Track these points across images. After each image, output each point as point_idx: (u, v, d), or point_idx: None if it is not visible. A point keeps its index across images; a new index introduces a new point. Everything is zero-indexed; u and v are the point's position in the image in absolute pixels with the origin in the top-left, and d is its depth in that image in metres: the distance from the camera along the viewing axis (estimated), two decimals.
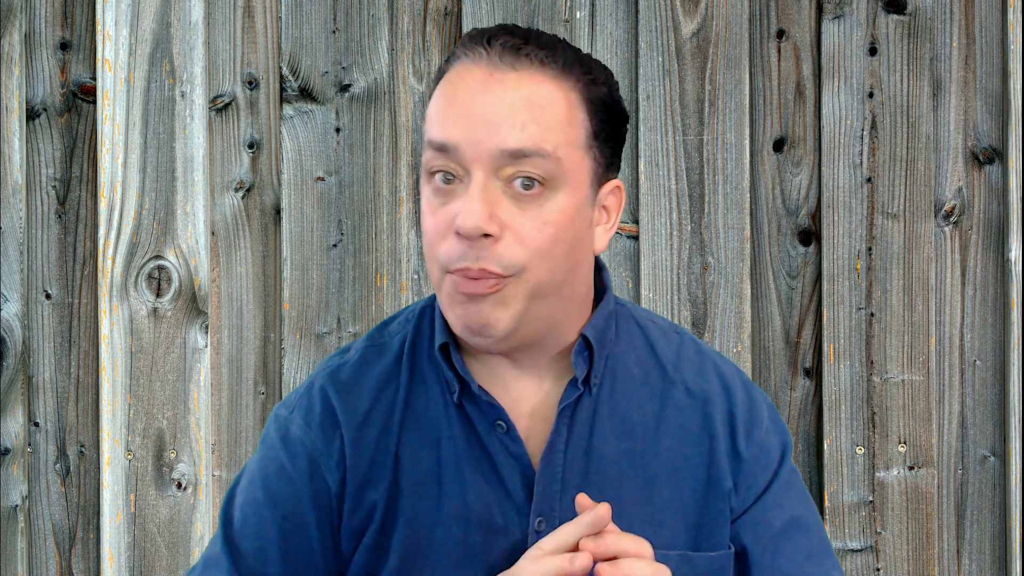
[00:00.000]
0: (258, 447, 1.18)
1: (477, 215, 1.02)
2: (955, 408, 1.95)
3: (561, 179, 1.05)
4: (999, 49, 1.95)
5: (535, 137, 1.03)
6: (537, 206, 1.04)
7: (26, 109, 2.00)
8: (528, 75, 1.05)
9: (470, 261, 1.03)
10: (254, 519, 1.13)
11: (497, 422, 1.11)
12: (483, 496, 1.11)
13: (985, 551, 1.96)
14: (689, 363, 1.18)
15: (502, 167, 1.03)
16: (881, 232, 1.94)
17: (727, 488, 1.14)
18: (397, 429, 1.13)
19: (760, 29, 1.96)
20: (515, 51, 1.05)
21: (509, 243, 1.04)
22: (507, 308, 1.05)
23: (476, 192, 1.03)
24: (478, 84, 1.05)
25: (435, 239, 1.06)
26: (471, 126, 1.03)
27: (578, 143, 1.07)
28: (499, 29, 1.08)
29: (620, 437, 1.13)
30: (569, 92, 1.07)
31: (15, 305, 2.00)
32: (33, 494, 2.00)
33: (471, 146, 1.03)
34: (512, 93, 1.04)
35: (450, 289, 1.06)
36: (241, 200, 1.98)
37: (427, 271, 1.12)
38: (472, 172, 1.04)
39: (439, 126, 1.05)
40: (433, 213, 1.06)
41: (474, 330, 1.06)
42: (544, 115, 1.04)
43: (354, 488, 1.12)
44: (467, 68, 1.06)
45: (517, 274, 1.04)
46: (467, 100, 1.04)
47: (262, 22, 1.98)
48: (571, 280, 1.09)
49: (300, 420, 1.15)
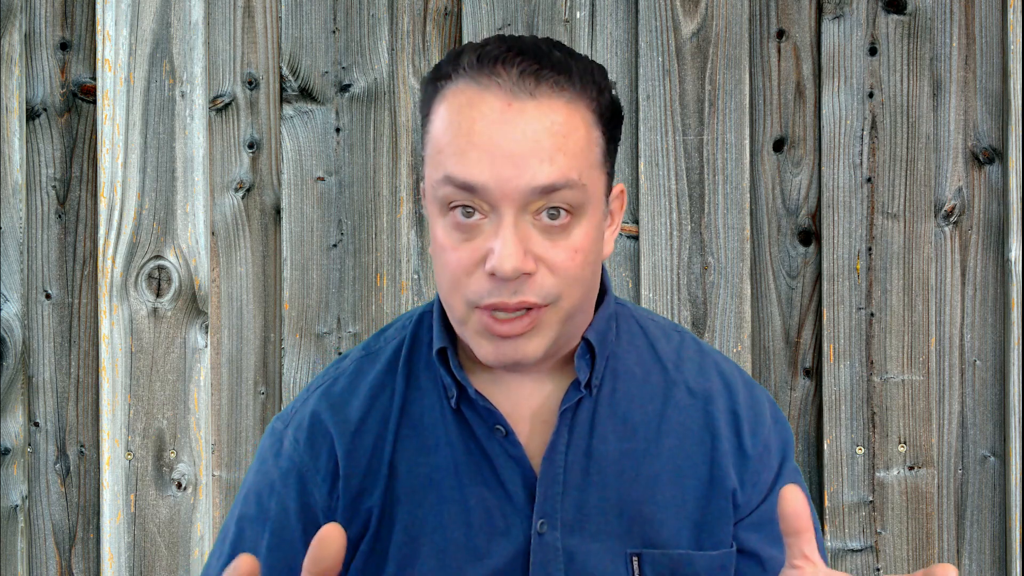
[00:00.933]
0: (254, 459, 1.19)
1: (514, 258, 0.99)
2: (955, 408, 1.96)
3: (586, 204, 1.04)
4: (999, 49, 1.95)
5: (563, 168, 1.01)
6: (566, 235, 1.03)
7: (26, 109, 1.99)
8: (547, 102, 1.01)
9: (506, 296, 1.01)
10: (247, 533, 1.14)
11: (496, 426, 1.11)
12: (484, 500, 1.11)
13: (985, 551, 1.96)
14: (690, 362, 1.18)
15: (531, 202, 1.01)
16: (881, 232, 1.94)
17: (730, 487, 1.14)
18: (392, 436, 1.13)
19: (760, 29, 1.96)
20: (533, 77, 1.01)
21: (544, 275, 1.02)
22: (542, 337, 1.05)
23: (509, 233, 1.00)
24: (496, 116, 1.00)
25: (461, 275, 1.03)
26: (497, 164, 0.99)
27: (596, 163, 1.05)
28: (507, 50, 1.03)
29: (621, 437, 1.13)
30: (585, 113, 1.04)
31: (15, 305, 2.00)
32: (33, 494, 2.00)
33: (499, 185, 1.00)
34: (535, 124, 1.00)
35: (479, 326, 1.04)
36: (241, 200, 1.98)
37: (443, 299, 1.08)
38: (501, 210, 1.01)
39: (459, 164, 1.01)
40: (455, 248, 1.03)
41: (507, 365, 1.05)
42: (568, 143, 1.01)
43: (349, 498, 1.13)
44: (479, 96, 1.01)
45: (553, 303, 1.04)
46: (488, 134, 1.00)
47: (262, 22, 1.98)
48: (591, 295, 1.10)
49: (292, 436, 1.16)
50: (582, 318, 1.10)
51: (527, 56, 1.02)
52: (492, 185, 1.00)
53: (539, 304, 1.02)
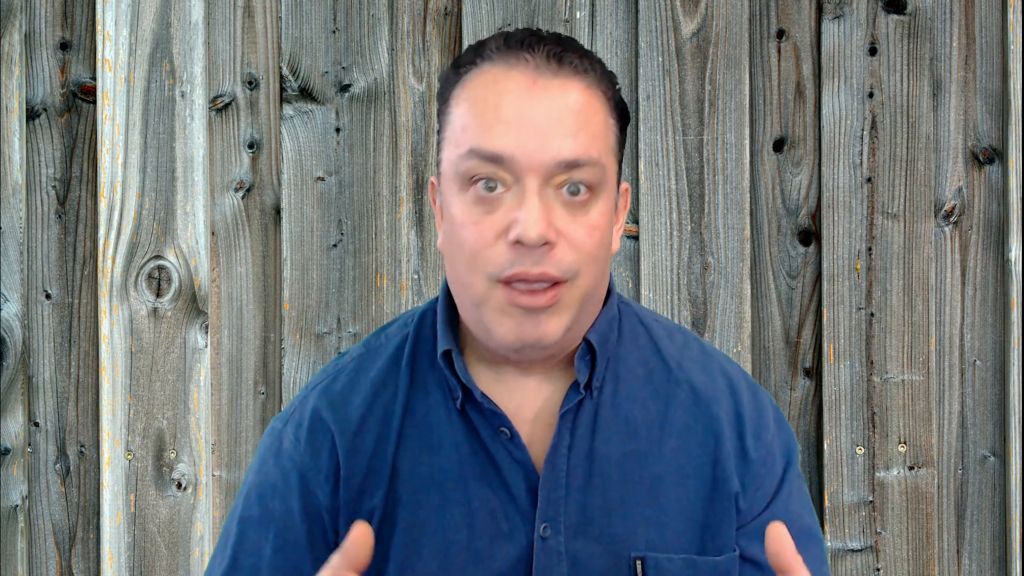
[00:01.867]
0: (254, 459, 1.18)
1: (540, 225, 1.01)
2: (955, 408, 1.96)
3: (604, 184, 1.06)
4: (999, 49, 1.95)
5: (585, 145, 1.04)
6: (585, 212, 1.05)
7: (26, 109, 1.99)
8: (569, 82, 1.05)
9: (528, 266, 1.03)
10: (250, 534, 1.14)
11: (500, 429, 1.10)
12: (488, 502, 1.10)
13: (985, 551, 1.96)
14: (694, 362, 1.18)
15: (555, 176, 1.03)
16: (881, 232, 1.94)
17: (732, 489, 1.14)
18: (395, 436, 1.13)
19: (760, 29, 1.96)
20: (557, 58, 1.05)
21: (565, 249, 1.04)
22: (562, 316, 1.06)
23: (532, 201, 1.02)
24: (522, 91, 1.04)
25: (482, 248, 1.04)
26: (523, 135, 1.02)
27: (612, 149, 1.09)
28: (531, 35, 1.07)
29: (623, 439, 1.13)
30: (603, 99, 1.08)
31: (15, 305, 1.99)
32: (33, 494, 2.00)
33: (526, 156, 1.02)
34: (559, 101, 1.04)
35: (502, 302, 1.05)
36: (241, 200, 1.98)
37: (459, 283, 1.08)
38: (525, 181, 1.03)
39: (486, 135, 1.03)
40: (476, 223, 1.04)
41: (527, 343, 1.06)
42: (589, 123, 1.05)
43: (350, 498, 1.12)
44: (505, 73, 1.05)
45: (572, 279, 1.05)
46: (514, 108, 1.03)
47: (262, 22, 1.98)
48: (601, 285, 1.11)
49: (291, 435, 1.15)
50: (592, 310, 1.11)
51: (552, 41, 1.06)
52: (519, 155, 1.02)
53: (559, 278, 1.04)
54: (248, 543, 1.13)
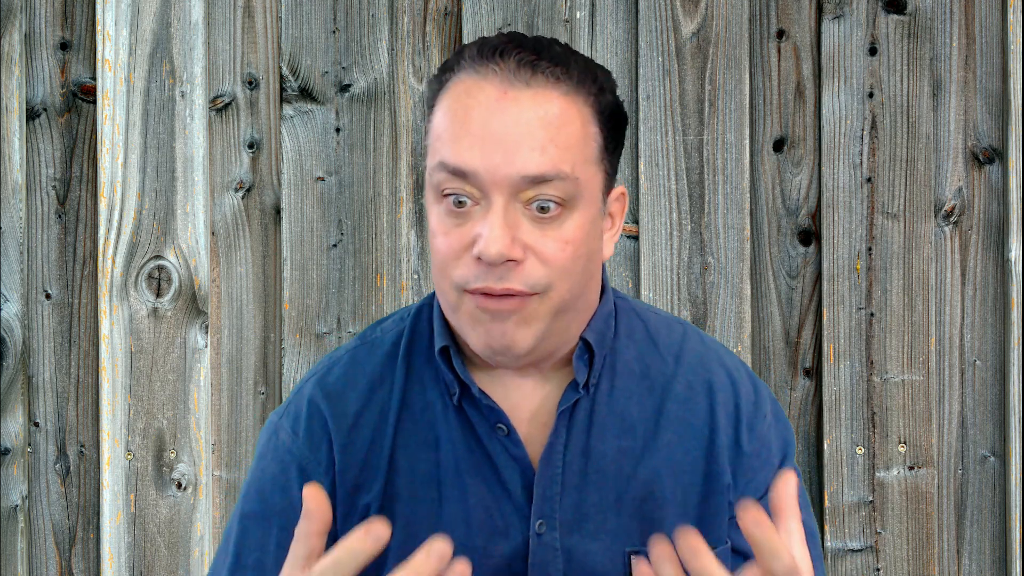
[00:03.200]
0: (254, 455, 1.18)
1: (500, 242, 1.00)
2: (955, 408, 1.95)
3: (578, 197, 1.04)
4: (999, 49, 1.95)
5: (554, 159, 1.01)
6: (556, 226, 1.03)
7: (26, 109, 2.00)
8: (543, 92, 1.02)
9: (492, 282, 1.02)
10: (253, 531, 1.13)
11: (498, 425, 1.10)
12: (484, 499, 1.10)
13: (985, 551, 1.96)
14: (692, 353, 1.17)
15: (522, 191, 1.01)
16: (881, 232, 1.94)
17: (726, 482, 1.13)
18: (392, 431, 1.13)
19: (760, 29, 1.96)
20: (530, 67, 1.02)
21: (533, 264, 1.02)
22: (530, 327, 1.04)
23: (497, 218, 1.00)
24: (491, 103, 1.02)
25: (450, 259, 1.04)
26: (488, 151, 1.01)
27: (592, 159, 1.05)
28: (508, 42, 1.05)
29: (619, 435, 1.12)
30: (582, 107, 1.04)
31: (15, 305, 2.00)
32: (33, 494, 2.00)
33: (489, 172, 1.01)
34: (528, 113, 1.01)
35: (471, 308, 1.04)
36: (241, 200, 1.98)
37: (437, 286, 1.08)
38: (491, 196, 1.01)
39: (452, 149, 1.02)
40: (446, 233, 1.04)
41: (497, 350, 1.05)
42: (561, 135, 1.02)
43: (345, 493, 1.12)
44: (477, 84, 1.03)
45: (542, 292, 1.03)
46: (481, 121, 1.01)
47: (262, 22, 1.98)
48: (586, 292, 1.09)
49: (288, 428, 1.15)
50: (576, 316, 1.10)
51: (526, 48, 1.04)
52: (482, 171, 1.01)
53: (525, 292, 1.02)
54: (251, 539, 1.13)
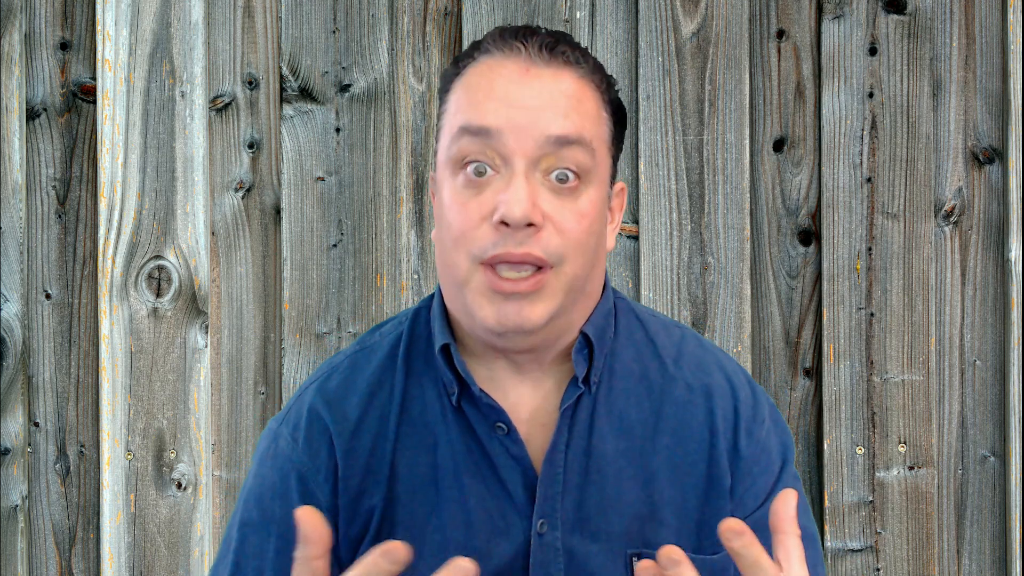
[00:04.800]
0: (252, 462, 1.18)
1: (524, 204, 1.02)
2: (955, 408, 1.95)
3: (593, 172, 1.06)
4: (999, 49, 1.95)
5: (577, 125, 1.05)
6: (573, 199, 1.05)
7: (26, 109, 1.99)
8: (563, 71, 1.07)
9: (512, 246, 1.03)
10: (252, 539, 1.13)
11: (497, 424, 1.10)
12: (484, 500, 1.10)
13: (985, 551, 1.96)
14: (691, 357, 1.17)
15: (544, 156, 1.04)
16: (881, 232, 1.94)
17: (726, 486, 1.13)
18: (393, 435, 1.13)
19: (760, 29, 1.96)
20: (551, 49, 1.07)
21: (551, 232, 1.04)
22: (546, 303, 1.05)
23: (520, 181, 1.03)
24: (515, 76, 1.06)
25: (467, 229, 1.05)
26: (513, 113, 1.04)
27: (604, 140, 1.09)
28: (527, 28, 1.09)
29: (619, 436, 1.12)
30: (596, 92, 1.09)
31: (15, 305, 2.00)
32: (33, 494, 2.00)
33: (514, 132, 1.03)
34: (551, 85, 1.05)
35: (482, 285, 1.05)
36: (241, 200, 1.98)
37: (445, 265, 1.08)
38: (512, 162, 1.03)
39: (476, 111, 1.05)
40: (464, 204, 1.05)
41: (509, 327, 1.05)
42: (582, 107, 1.06)
43: (349, 499, 1.12)
44: (499, 62, 1.07)
45: (557, 265, 1.05)
46: (506, 90, 1.05)
47: (262, 22, 1.98)
48: (592, 277, 1.10)
49: (288, 436, 1.15)
50: (582, 301, 1.10)
51: (547, 34, 1.09)
52: (507, 131, 1.03)
53: (544, 260, 1.03)
54: (250, 547, 1.13)
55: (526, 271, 1.03)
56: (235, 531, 1.15)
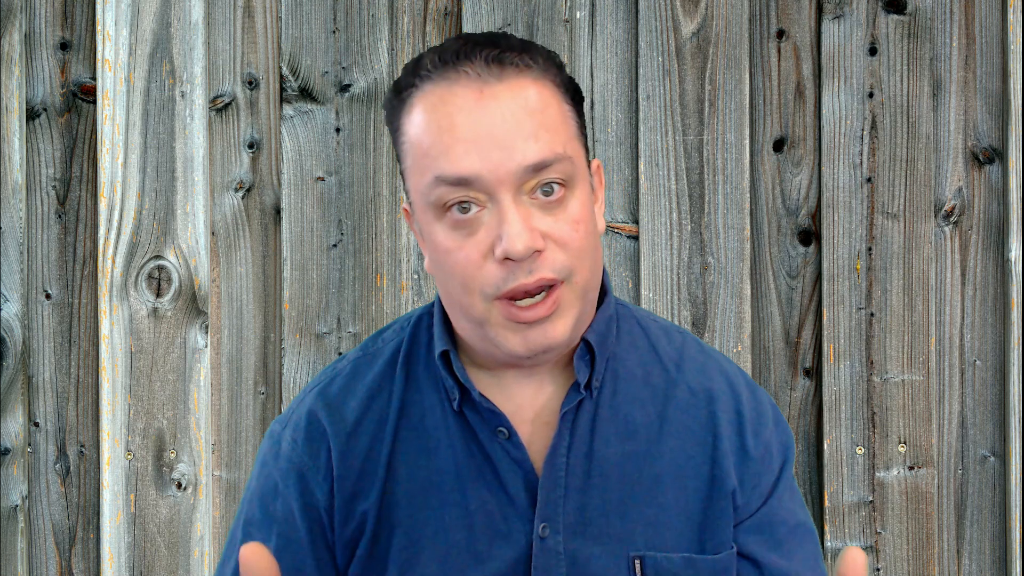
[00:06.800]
0: (255, 463, 1.19)
1: (524, 237, 1.00)
2: (955, 408, 1.96)
3: (576, 175, 1.05)
4: (999, 49, 1.95)
5: (549, 143, 1.02)
6: (563, 208, 1.04)
7: (26, 109, 1.99)
8: (516, 82, 1.03)
9: (523, 277, 1.02)
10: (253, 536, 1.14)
11: (499, 428, 1.10)
12: (485, 503, 1.10)
13: (985, 551, 1.96)
14: (692, 362, 1.18)
15: (525, 182, 1.02)
16: (881, 232, 1.94)
17: (730, 487, 1.14)
18: (390, 439, 1.13)
19: (760, 29, 1.96)
20: (497, 61, 1.03)
21: (553, 251, 1.03)
22: (564, 318, 1.05)
23: (512, 214, 1.01)
24: (471, 105, 1.02)
25: (472, 270, 1.03)
26: (484, 152, 1.01)
27: (574, 135, 1.07)
28: (465, 43, 1.05)
29: (622, 439, 1.13)
30: (553, 89, 1.06)
31: (15, 305, 1.99)
32: (33, 494, 2.00)
33: (492, 171, 1.01)
34: (510, 105, 1.02)
35: (502, 319, 1.04)
36: (241, 200, 1.98)
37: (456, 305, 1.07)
38: (498, 195, 1.01)
39: (447, 160, 1.02)
40: (460, 247, 1.03)
41: (538, 351, 1.05)
42: (546, 119, 1.03)
43: (343, 500, 1.13)
44: (449, 91, 1.03)
45: (567, 278, 1.04)
46: (467, 125, 1.01)
47: (262, 22, 1.98)
48: (598, 272, 1.10)
49: (289, 437, 1.16)
50: (591, 304, 1.10)
51: (485, 45, 1.04)
52: (485, 173, 1.01)
53: (556, 279, 1.03)
54: None
55: (540, 294, 1.03)
56: (239, 530, 1.16)
